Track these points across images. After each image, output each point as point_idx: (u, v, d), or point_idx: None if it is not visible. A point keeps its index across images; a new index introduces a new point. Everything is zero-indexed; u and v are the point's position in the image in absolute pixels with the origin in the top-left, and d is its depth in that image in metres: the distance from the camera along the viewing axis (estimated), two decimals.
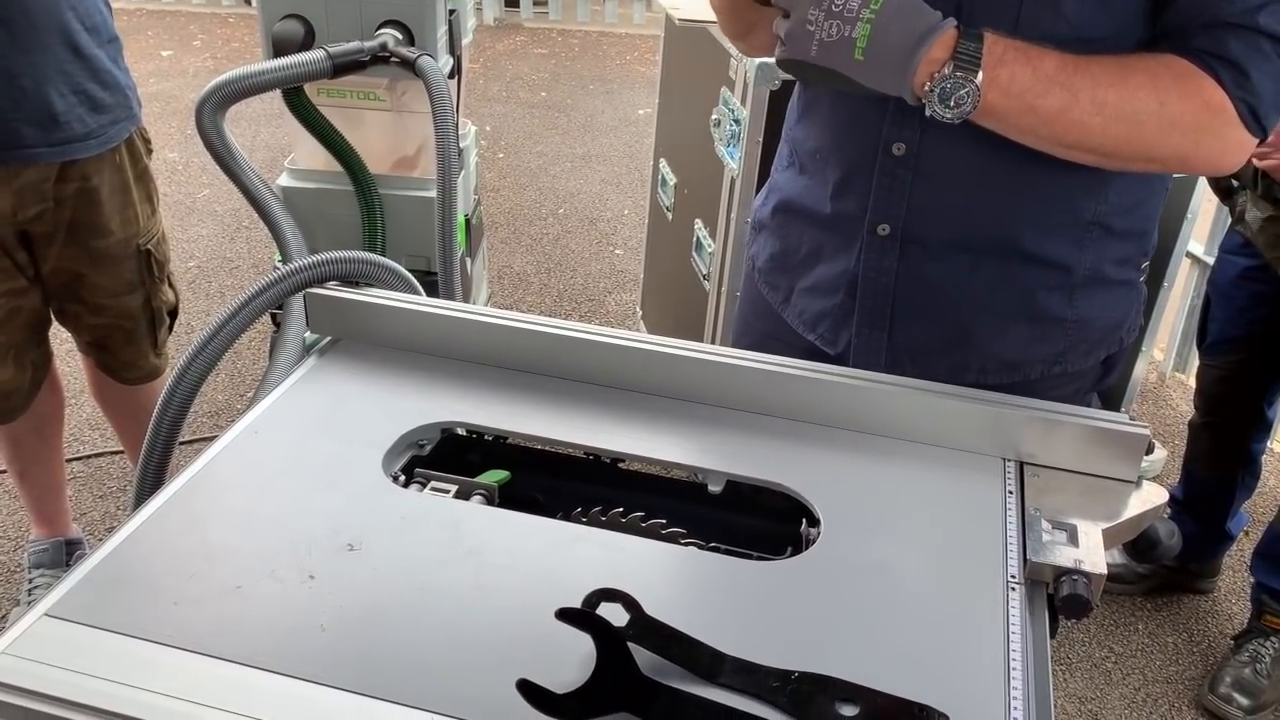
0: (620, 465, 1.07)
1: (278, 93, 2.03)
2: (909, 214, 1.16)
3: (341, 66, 1.96)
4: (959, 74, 0.96)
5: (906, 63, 0.97)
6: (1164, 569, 2.44)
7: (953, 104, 0.97)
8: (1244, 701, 2.14)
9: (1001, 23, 1.03)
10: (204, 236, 4.00)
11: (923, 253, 1.17)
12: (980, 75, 0.97)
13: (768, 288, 1.36)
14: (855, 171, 1.18)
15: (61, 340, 2.20)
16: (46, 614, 0.81)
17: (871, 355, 1.23)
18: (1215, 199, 2.34)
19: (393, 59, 1.98)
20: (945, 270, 1.17)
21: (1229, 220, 2.17)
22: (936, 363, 1.19)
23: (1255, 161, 1.83)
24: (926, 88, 0.97)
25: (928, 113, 0.99)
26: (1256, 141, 1.02)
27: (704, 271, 2.48)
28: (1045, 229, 1.13)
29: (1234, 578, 2.53)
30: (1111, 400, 2.63)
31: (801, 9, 0.98)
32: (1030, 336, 1.19)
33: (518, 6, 7.38)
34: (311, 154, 2.21)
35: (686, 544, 0.97)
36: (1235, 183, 1.99)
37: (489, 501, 1.01)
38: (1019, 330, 1.18)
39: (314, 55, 1.93)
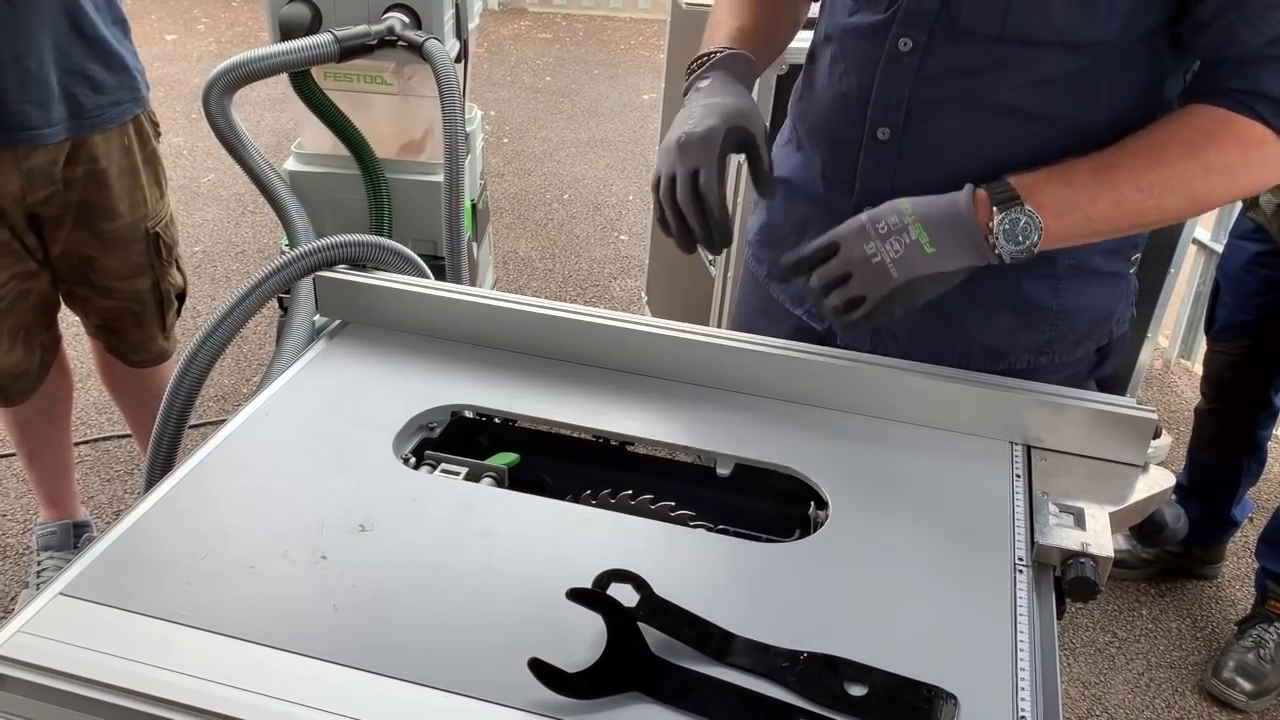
0: (629, 448, 1.08)
1: (284, 77, 2.03)
2: (895, 197, 1.16)
3: (348, 50, 1.95)
4: (1011, 210, 0.98)
5: (968, 227, 0.99)
6: (1168, 554, 2.45)
7: (1021, 239, 0.98)
8: (1247, 686, 2.15)
9: (988, 26, 1.03)
10: (209, 221, 4.00)
11: None
12: (1027, 204, 0.99)
13: (755, 261, 1.36)
14: (844, 154, 1.18)
15: (70, 324, 2.20)
16: (61, 593, 0.82)
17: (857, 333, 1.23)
18: None
19: (400, 43, 1.98)
20: None
21: (1235, 207, 2.16)
22: (919, 344, 1.19)
23: None
24: (992, 241, 0.99)
25: (1008, 259, 1.00)
26: None
27: (709, 257, 2.48)
28: None
29: (1238, 563, 2.54)
30: (1116, 387, 2.63)
31: (856, 251, 1.01)
32: (1014, 325, 1.18)
33: None
34: (318, 138, 2.21)
35: (695, 526, 0.97)
36: None
37: (499, 484, 1.02)
38: (1003, 318, 1.18)
39: (321, 39, 1.92)
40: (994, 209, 0.97)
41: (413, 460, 1.04)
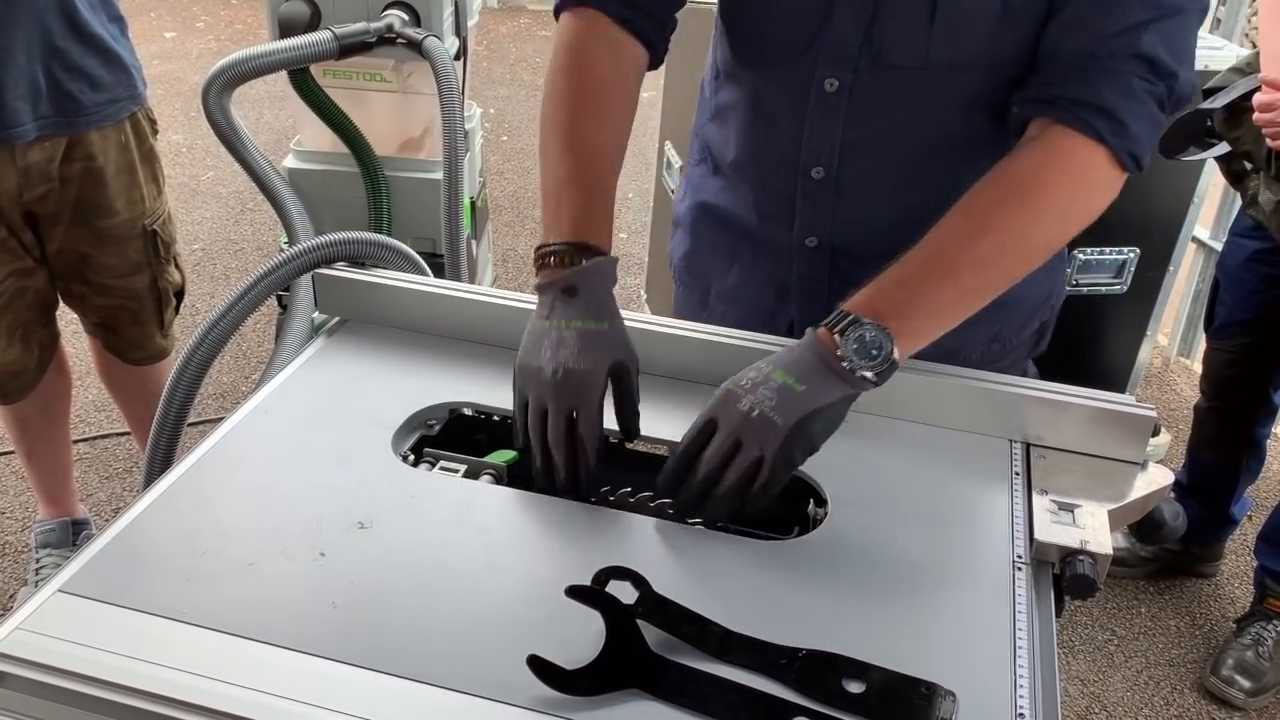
0: (627, 445, 1.08)
1: (283, 74, 2.03)
2: (835, 229, 1.16)
3: (348, 48, 1.95)
4: (852, 331, 0.91)
5: (823, 358, 0.92)
6: (1167, 552, 2.45)
7: (874, 353, 0.91)
8: (1246, 684, 2.15)
9: (912, 57, 1.02)
10: (208, 219, 3.99)
11: (854, 261, 1.17)
12: (864, 319, 0.92)
13: (683, 286, 1.35)
14: (779, 194, 1.17)
15: (68, 321, 2.20)
16: (60, 590, 0.82)
17: None
18: (1222, 184, 2.33)
19: (399, 40, 1.98)
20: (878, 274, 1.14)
21: (1235, 205, 2.16)
22: None
23: (1269, 142, 1.82)
24: (847, 364, 0.91)
25: (874, 376, 0.91)
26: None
27: None
28: None
29: (1236, 561, 2.54)
30: (1115, 385, 2.63)
31: (734, 414, 0.91)
32: (965, 322, 1.18)
33: None
34: (317, 136, 2.21)
35: (693, 523, 0.97)
36: (1248, 166, 1.99)
37: (498, 481, 1.02)
38: None
39: (320, 36, 1.92)
40: (836, 336, 0.92)
41: (411, 458, 1.04)
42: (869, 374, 0.91)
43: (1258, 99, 1.81)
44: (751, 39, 1.13)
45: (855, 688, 0.76)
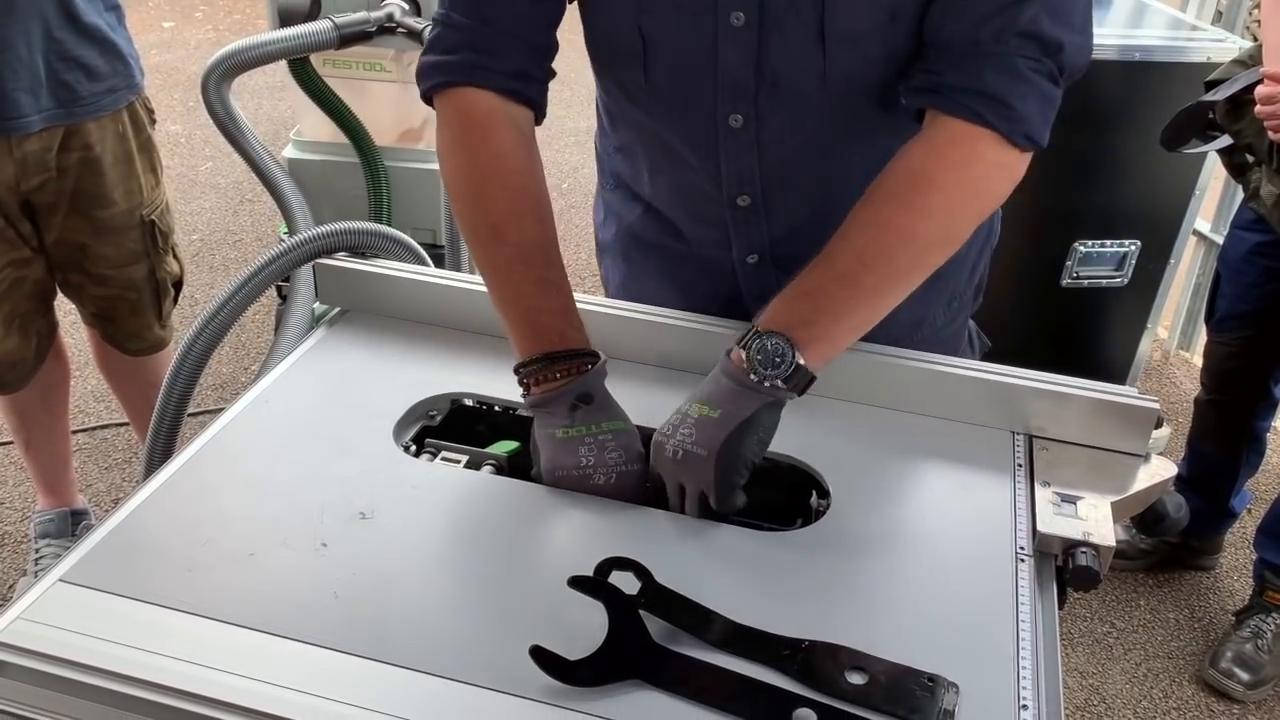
0: None
1: (282, 64, 2.02)
2: (773, 244, 1.15)
3: (348, 37, 1.95)
4: (753, 342, 0.92)
5: (733, 375, 0.93)
6: (1166, 545, 2.45)
7: (778, 361, 0.91)
8: (1245, 676, 2.15)
9: (809, 81, 1.00)
10: (207, 209, 3.98)
11: (802, 265, 1.14)
12: (763, 329, 0.92)
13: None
14: (708, 223, 1.16)
15: (67, 311, 2.20)
16: (60, 580, 0.81)
17: None
18: (1223, 176, 2.32)
19: (399, 29, 1.98)
20: None
21: (1236, 198, 2.15)
22: None
23: (1271, 135, 1.82)
24: (755, 377, 0.91)
25: (784, 384, 0.92)
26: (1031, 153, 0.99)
27: None
28: None
29: (1236, 554, 2.54)
30: (1116, 377, 2.63)
31: (665, 464, 0.94)
32: (921, 299, 1.15)
33: None
34: (317, 126, 2.21)
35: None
36: (1250, 158, 1.98)
37: (499, 472, 1.01)
38: (913, 300, 1.14)
39: (320, 26, 1.92)
40: (742, 351, 0.92)
41: (413, 448, 1.04)
42: (778, 383, 0.91)
43: (1259, 91, 1.81)
44: (640, 87, 1.09)
45: (858, 679, 0.76)
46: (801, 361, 0.92)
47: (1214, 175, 2.45)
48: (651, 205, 1.22)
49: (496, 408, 1.10)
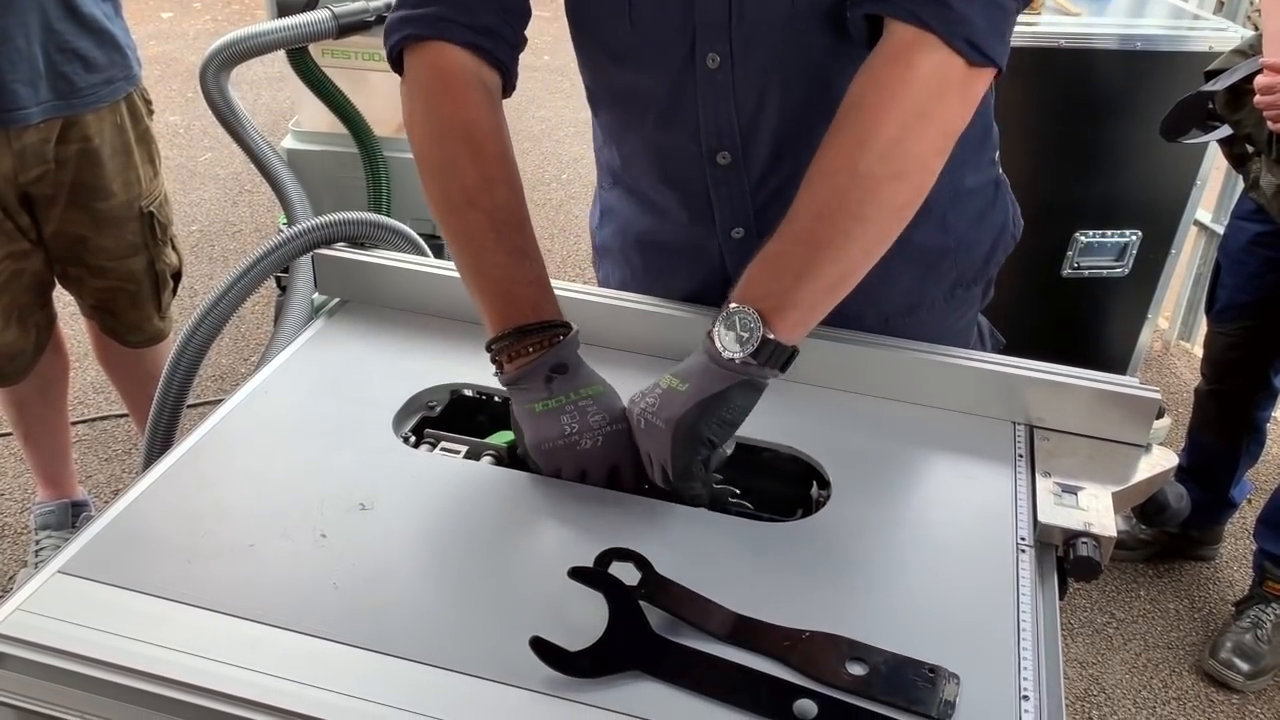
0: None
1: (281, 55, 2.02)
2: (757, 215, 1.13)
3: (346, 27, 1.94)
4: (721, 318, 0.90)
5: (705, 349, 0.91)
6: (1166, 535, 2.45)
7: (743, 333, 0.88)
8: (1244, 667, 2.16)
9: (778, 6, 0.98)
10: (206, 200, 3.98)
11: None
12: (732, 303, 0.90)
13: None
14: (691, 193, 1.14)
15: (65, 303, 2.19)
16: (60, 571, 0.81)
17: None
18: (1224, 166, 2.32)
19: None
20: None
21: (1237, 188, 2.15)
22: (833, 315, 1.17)
23: (1271, 125, 1.81)
24: (726, 354, 0.89)
25: (753, 357, 0.89)
26: (994, 73, 0.93)
27: None
28: None
29: (1236, 544, 2.54)
30: (1116, 368, 2.63)
31: (634, 425, 0.94)
32: (919, 276, 1.15)
33: None
34: (316, 116, 2.20)
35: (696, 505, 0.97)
36: (1250, 148, 1.98)
37: (499, 462, 1.01)
38: (907, 276, 1.15)
39: (319, 15, 1.91)
40: (716, 328, 0.90)
41: (412, 439, 1.04)
42: (747, 358, 0.89)
43: (1259, 81, 1.80)
44: (624, 39, 1.07)
45: (858, 670, 0.76)
46: (771, 335, 0.88)
47: (1215, 165, 2.44)
48: (643, 194, 1.21)
49: (496, 398, 1.09)
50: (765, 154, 1.09)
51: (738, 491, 1.00)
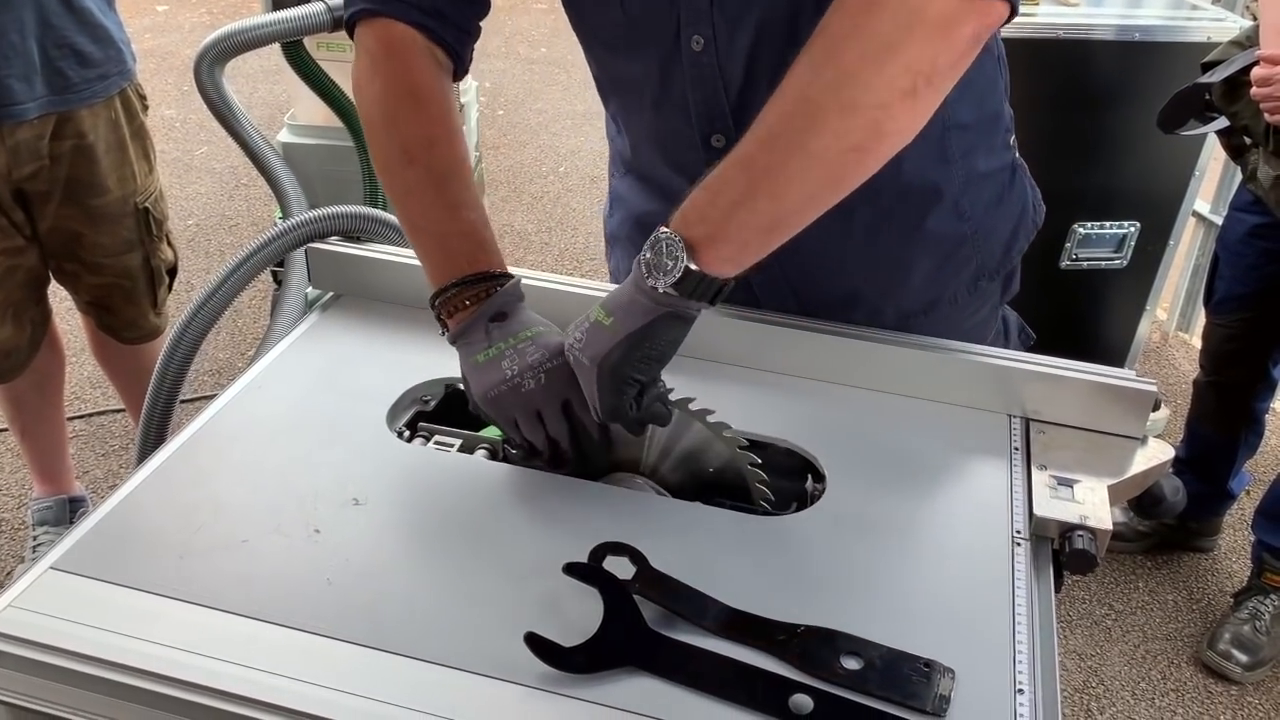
0: None
1: (276, 48, 2.01)
2: None
3: (341, 19, 1.93)
4: (649, 244, 0.87)
5: (633, 280, 0.88)
6: (1164, 527, 2.45)
7: (667, 261, 0.85)
8: (1243, 658, 2.16)
9: None
10: (202, 194, 3.97)
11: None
12: (662, 229, 0.87)
13: None
14: (689, 175, 1.08)
15: (61, 299, 2.19)
16: (52, 567, 0.81)
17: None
18: (1222, 158, 2.32)
19: None
20: (822, 238, 1.01)
21: (1236, 179, 2.15)
22: (853, 312, 1.15)
23: (1268, 117, 1.81)
24: (651, 282, 0.86)
25: (675, 289, 0.85)
26: (993, 12, 0.82)
27: None
28: (901, 160, 0.94)
29: (1234, 536, 2.54)
30: (1114, 360, 2.63)
31: (567, 354, 0.92)
32: (938, 266, 1.14)
33: None
34: (311, 110, 2.20)
35: (691, 499, 0.97)
36: (1247, 140, 1.97)
37: (493, 456, 1.01)
38: (925, 266, 1.14)
39: (314, 8, 1.90)
40: (644, 253, 0.87)
41: (406, 433, 1.03)
42: (669, 288, 0.85)
43: (1255, 73, 1.80)
44: (618, 25, 1.07)
45: (854, 664, 0.76)
46: (693, 266, 0.84)
47: (1213, 156, 2.44)
48: (648, 180, 1.20)
49: None
50: None
51: (694, 398, 0.98)
